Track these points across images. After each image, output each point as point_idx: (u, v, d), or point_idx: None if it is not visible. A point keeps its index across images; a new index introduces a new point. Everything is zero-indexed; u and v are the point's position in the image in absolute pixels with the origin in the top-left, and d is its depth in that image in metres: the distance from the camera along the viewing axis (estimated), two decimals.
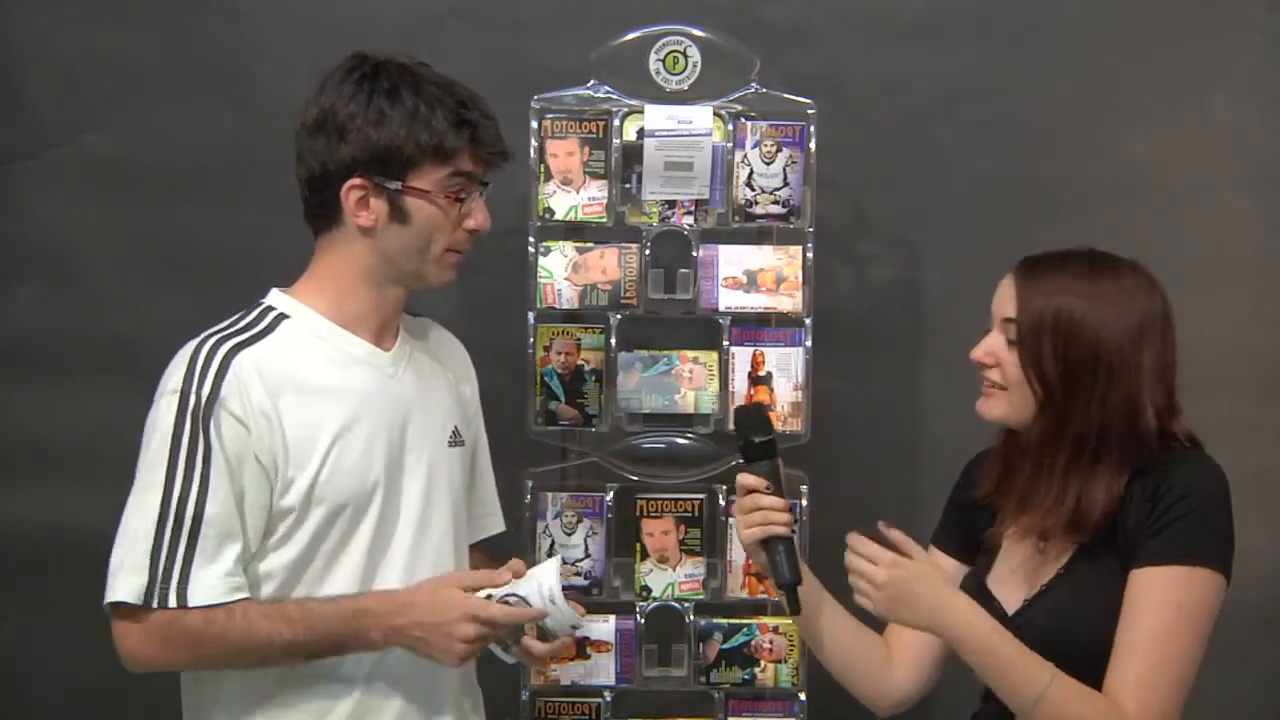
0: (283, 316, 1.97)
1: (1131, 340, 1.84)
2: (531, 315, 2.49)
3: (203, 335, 1.93)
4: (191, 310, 2.79)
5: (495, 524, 2.25)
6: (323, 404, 1.93)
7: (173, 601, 1.83)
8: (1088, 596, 1.83)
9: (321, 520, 1.92)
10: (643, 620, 2.49)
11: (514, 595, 1.94)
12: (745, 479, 2.00)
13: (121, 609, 1.86)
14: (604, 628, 2.48)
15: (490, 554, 2.21)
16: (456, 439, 2.08)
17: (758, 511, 1.97)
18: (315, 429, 1.91)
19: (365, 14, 2.82)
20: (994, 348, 1.91)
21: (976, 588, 1.97)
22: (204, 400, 1.85)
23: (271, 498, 1.89)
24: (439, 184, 1.93)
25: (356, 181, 1.92)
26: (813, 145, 2.49)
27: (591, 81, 2.50)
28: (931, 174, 2.83)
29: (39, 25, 2.82)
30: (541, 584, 1.94)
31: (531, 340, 2.48)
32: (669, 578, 2.50)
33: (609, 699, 2.49)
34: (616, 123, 2.48)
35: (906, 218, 2.84)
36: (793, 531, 1.98)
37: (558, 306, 2.49)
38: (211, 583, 1.84)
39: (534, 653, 2.00)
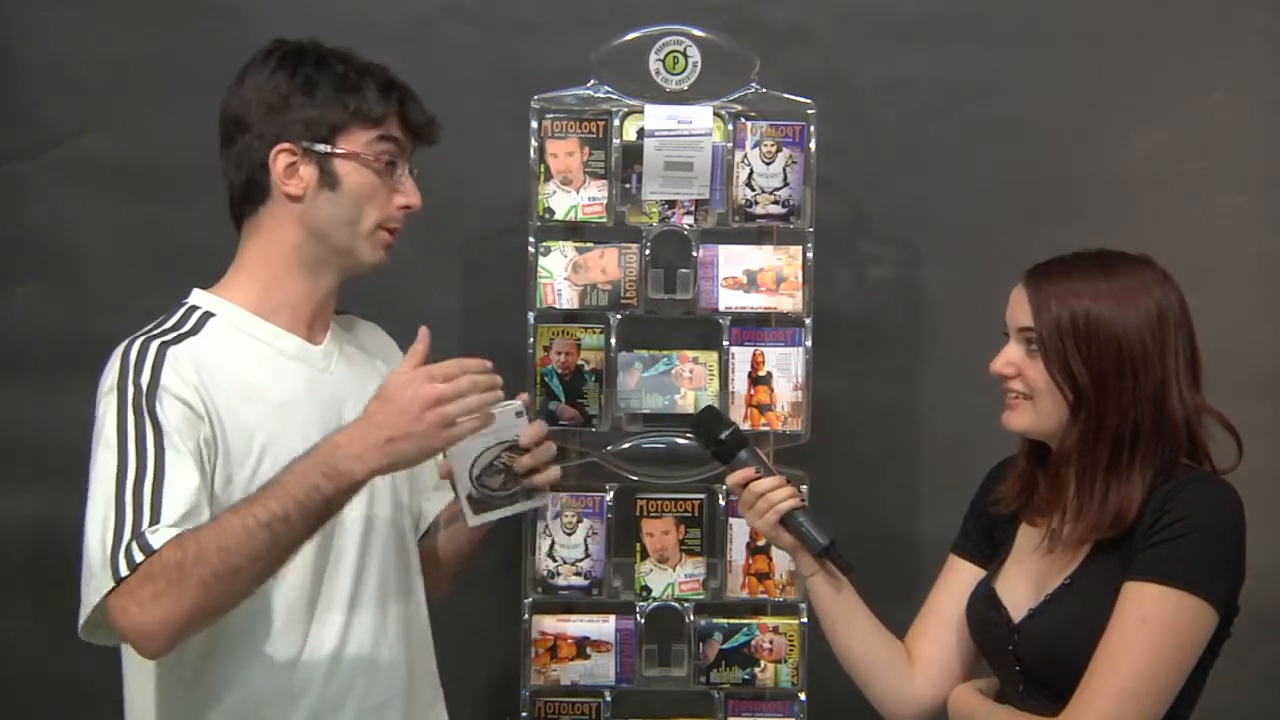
0: (208, 315, 1.94)
1: (1152, 334, 1.84)
2: (531, 315, 2.48)
3: (129, 338, 1.89)
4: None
5: (441, 499, 2.16)
6: (255, 402, 1.89)
7: (138, 555, 1.71)
8: (1088, 609, 1.82)
9: None
10: (643, 620, 2.49)
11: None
12: (732, 478, 2.03)
13: (111, 602, 1.73)
14: (604, 628, 2.48)
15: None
16: None
17: (760, 500, 1.97)
18: (250, 428, 1.87)
19: (365, 14, 2.82)
20: (1013, 358, 1.89)
21: (985, 594, 1.96)
22: (144, 389, 1.81)
23: (214, 487, 1.83)
24: (368, 147, 1.94)
25: (285, 146, 1.93)
26: (813, 145, 2.49)
27: (591, 81, 2.49)
28: (931, 174, 2.83)
29: (39, 25, 2.82)
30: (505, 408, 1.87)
31: (531, 340, 2.47)
32: (669, 578, 2.50)
33: (609, 699, 2.48)
34: (616, 123, 2.48)
35: (906, 218, 2.84)
36: (802, 501, 1.99)
37: (558, 306, 2.49)
38: (168, 531, 1.73)
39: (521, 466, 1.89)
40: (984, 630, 1.95)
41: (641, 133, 2.46)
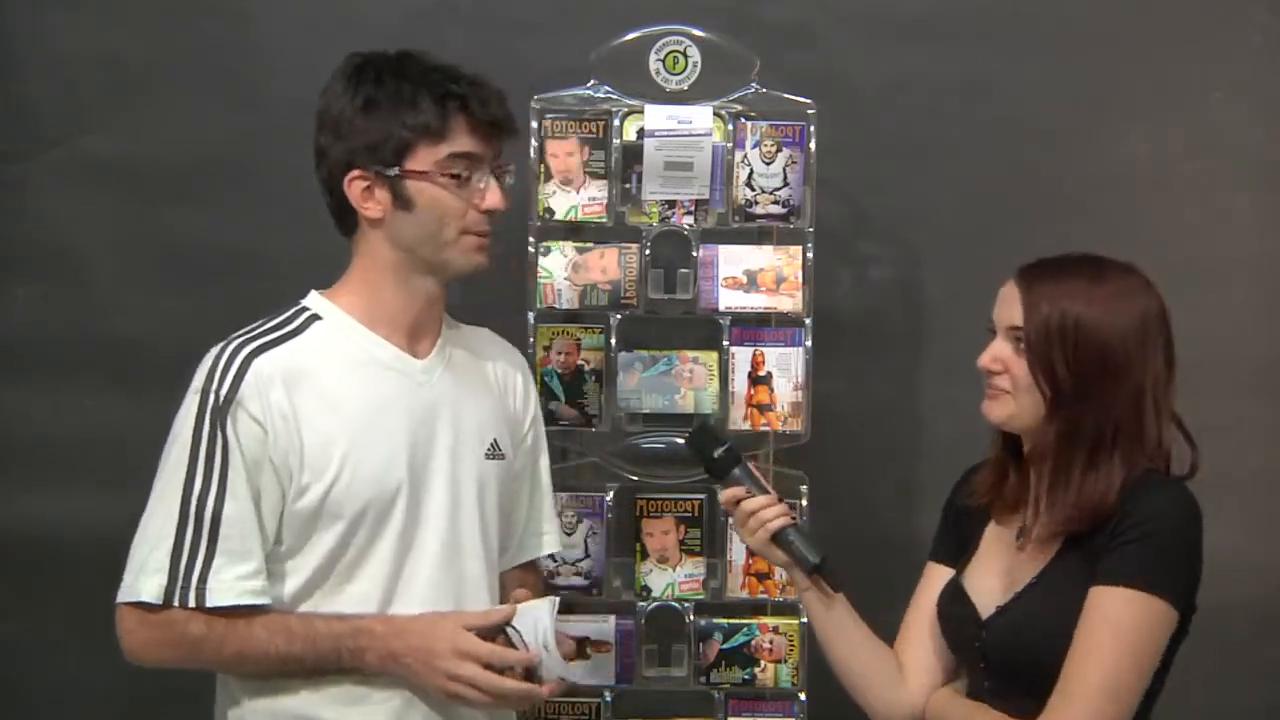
0: (315, 318, 1.97)
1: (1135, 339, 1.86)
2: (531, 315, 2.49)
3: (230, 337, 1.93)
4: (192, 310, 2.83)
5: (551, 543, 2.21)
6: (342, 409, 1.91)
7: (191, 601, 1.82)
8: (1054, 608, 1.85)
9: (342, 529, 1.90)
10: (643, 620, 2.49)
11: (512, 629, 1.90)
12: (722, 495, 2.04)
13: (134, 606, 1.85)
14: (604, 628, 2.48)
15: (541, 573, 2.21)
16: (496, 452, 2.05)
17: (751, 517, 1.98)
18: (333, 434, 1.89)
19: (365, 14, 2.82)
20: (1001, 354, 1.91)
21: (953, 590, 1.98)
22: (222, 400, 1.86)
23: (285, 502, 1.88)
24: (437, 165, 1.91)
25: (356, 174, 1.92)
26: (813, 145, 2.49)
27: (591, 81, 2.50)
28: (931, 174, 2.83)
29: (39, 25, 2.82)
30: (537, 621, 1.90)
31: (531, 340, 2.47)
32: (669, 578, 2.50)
33: (609, 699, 2.49)
34: (616, 123, 2.48)
35: (906, 218, 2.84)
36: (794, 519, 1.99)
37: (558, 306, 2.49)
38: (230, 584, 1.84)
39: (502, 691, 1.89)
40: (952, 626, 1.98)
41: (641, 133, 2.46)
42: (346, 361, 1.94)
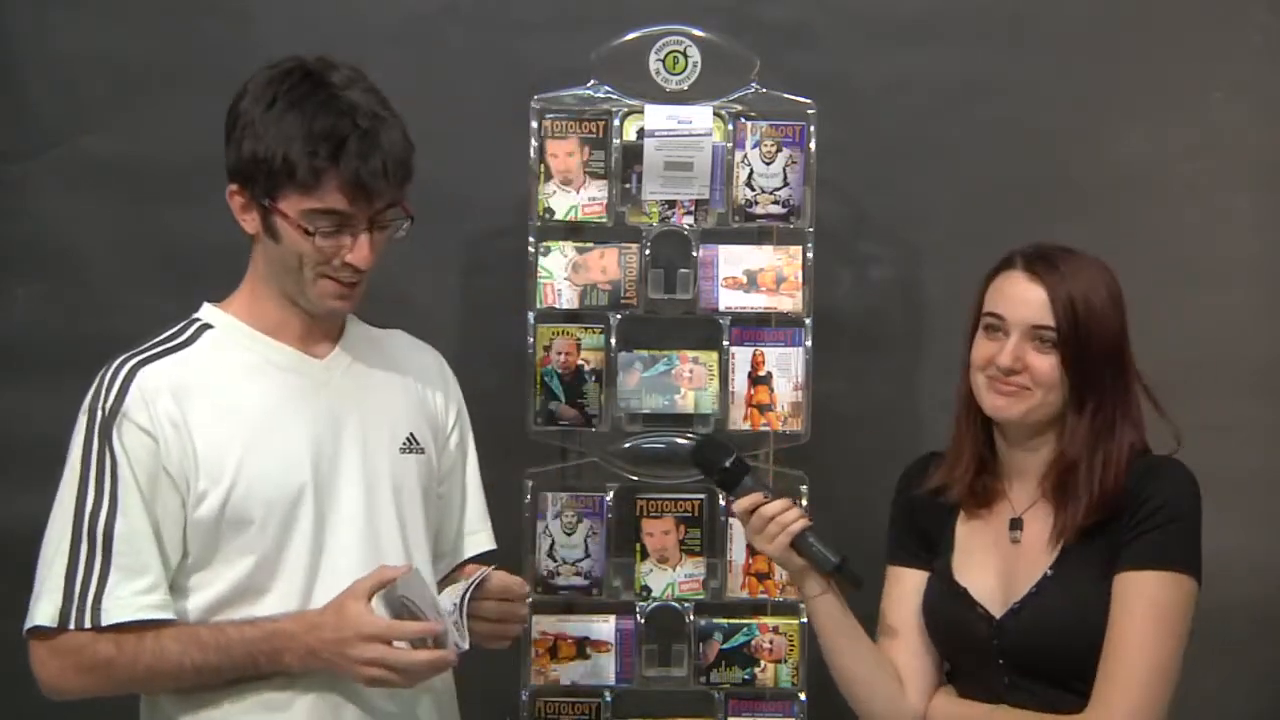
0: (206, 327, 1.94)
1: (1121, 317, 1.90)
2: (531, 315, 2.49)
3: (118, 354, 1.90)
4: (191, 310, 2.82)
5: (483, 541, 2.16)
6: (236, 414, 1.87)
7: (87, 622, 1.79)
8: (1078, 599, 1.85)
9: (248, 536, 1.86)
10: (643, 620, 2.49)
11: (409, 600, 1.84)
12: (739, 504, 2.02)
13: (39, 634, 1.82)
14: (604, 628, 2.48)
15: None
16: (413, 445, 2.00)
17: (770, 524, 1.97)
18: (227, 440, 1.85)
19: (365, 14, 2.82)
20: (1022, 354, 1.90)
21: (949, 591, 1.97)
22: (107, 414, 1.83)
23: (185, 511, 1.84)
24: (302, 215, 1.83)
25: (234, 187, 1.90)
26: (813, 145, 2.49)
27: (591, 81, 2.50)
28: (931, 174, 2.83)
29: (39, 25, 2.82)
30: (420, 591, 1.85)
31: (531, 340, 2.47)
32: (669, 578, 2.50)
33: (609, 699, 2.49)
34: (616, 123, 2.48)
35: (906, 218, 2.84)
36: (810, 521, 1.99)
37: (558, 306, 2.49)
38: (126, 601, 1.80)
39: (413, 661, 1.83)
40: (958, 629, 1.96)
41: (641, 133, 2.46)
42: (240, 367, 1.91)
